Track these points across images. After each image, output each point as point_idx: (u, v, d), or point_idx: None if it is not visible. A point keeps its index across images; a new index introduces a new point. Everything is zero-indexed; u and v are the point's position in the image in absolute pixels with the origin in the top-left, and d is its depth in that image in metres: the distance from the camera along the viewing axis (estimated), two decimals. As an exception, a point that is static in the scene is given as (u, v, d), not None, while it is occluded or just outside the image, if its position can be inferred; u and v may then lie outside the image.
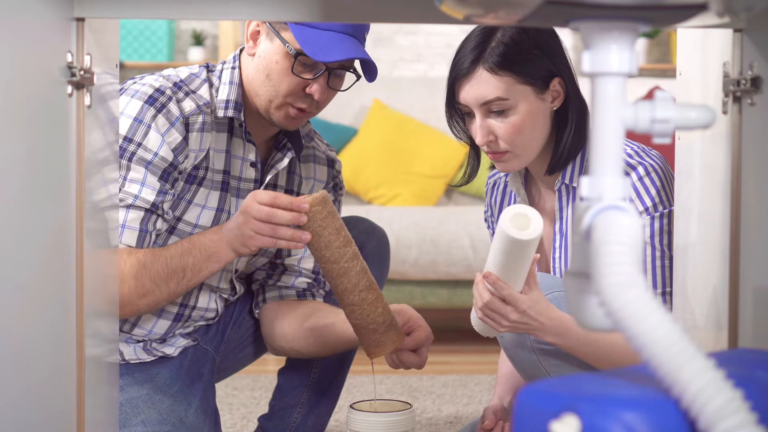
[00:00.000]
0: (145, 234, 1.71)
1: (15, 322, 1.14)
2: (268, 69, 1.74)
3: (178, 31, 4.63)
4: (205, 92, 1.79)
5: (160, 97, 1.73)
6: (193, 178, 1.78)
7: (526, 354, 1.73)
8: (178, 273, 1.70)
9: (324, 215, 1.62)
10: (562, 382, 0.87)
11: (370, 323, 1.66)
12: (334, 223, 1.62)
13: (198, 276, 1.71)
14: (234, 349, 2.00)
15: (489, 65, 1.67)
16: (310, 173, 1.96)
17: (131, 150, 1.70)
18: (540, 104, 1.70)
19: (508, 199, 1.92)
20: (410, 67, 4.64)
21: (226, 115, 1.78)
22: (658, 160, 1.69)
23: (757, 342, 1.29)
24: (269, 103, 1.75)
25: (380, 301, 1.67)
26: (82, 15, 1.32)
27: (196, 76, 1.81)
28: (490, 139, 1.70)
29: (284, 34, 1.71)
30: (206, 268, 1.71)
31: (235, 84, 1.80)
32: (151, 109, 1.71)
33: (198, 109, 1.76)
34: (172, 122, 1.73)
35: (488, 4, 1.00)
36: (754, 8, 1.14)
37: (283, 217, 1.61)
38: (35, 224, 1.20)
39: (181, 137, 1.73)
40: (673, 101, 0.94)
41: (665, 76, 4.47)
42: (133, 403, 1.76)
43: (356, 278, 1.64)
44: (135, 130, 1.70)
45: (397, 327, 1.69)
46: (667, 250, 1.65)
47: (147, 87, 1.74)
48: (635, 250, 0.87)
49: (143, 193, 1.70)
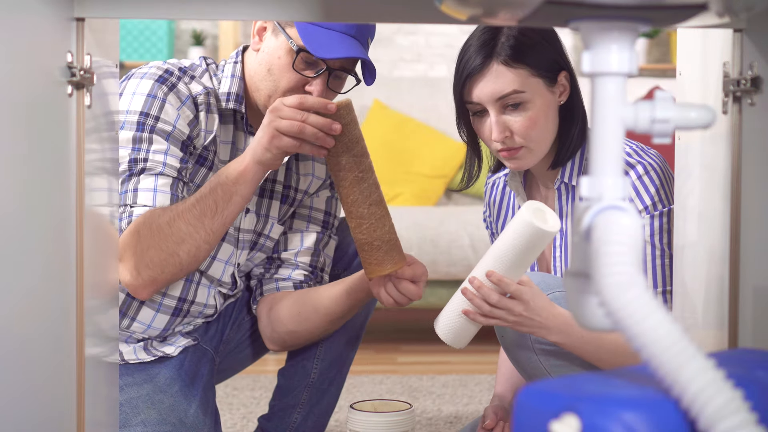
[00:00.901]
0: (176, 199, 1.73)
1: (15, 322, 1.14)
2: (270, 63, 1.76)
3: (178, 31, 4.63)
4: (208, 81, 1.82)
5: (170, 78, 1.77)
6: (204, 159, 1.81)
7: (527, 354, 1.73)
8: (211, 207, 1.69)
9: (347, 121, 1.62)
10: (562, 382, 0.87)
11: (375, 239, 1.66)
12: (354, 131, 1.63)
13: (229, 205, 1.69)
14: (234, 349, 2.00)
15: (503, 58, 1.67)
16: (309, 170, 1.96)
17: (150, 123, 1.73)
18: (551, 98, 1.71)
19: (507, 198, 1.92)
20: (410, 67, 4.64)
21: (228, 106, 1.81)
22: (656, 159, 1.69)
23: (757, 342, 1.29)
24: (268, 98, 1.76)
25: (387, 219, 1.68)
26: (82, 15, 1.32)
27: (197, 66, 1.84)
28: (506, 135, 1.69)
29: (289, 31, 1.73)
30: (236, 192, 1.68)
31: (237, 77, 1.82)
32: (163, 87, 1.75)
33: (205, 90, 1.80)
34: (183, 100, 1.76)
35: (488, 4, 1.00)
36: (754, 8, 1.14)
37: (311, 117, 1.61)
38: (35, 224, 1.20)
39: (192, 115, 1.77)
40: (673, 101, 0.94)
41: (665, 76, 4.47)
42: (133, 403, 1.76)
43: (368, 191, 1.65)
44: (151, 104, 1.73)
45: (399, 249, 1.69)
46: (666, 249, 1.66)
47: (155, 69, 1.77)
48: (635, 250, 0.87)
49: (169, 160, 1.73)
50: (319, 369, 1.99)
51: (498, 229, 1.95)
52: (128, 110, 1.73)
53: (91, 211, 1.38)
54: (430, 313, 3.62)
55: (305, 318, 1.87)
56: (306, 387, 1.99)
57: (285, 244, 1.96)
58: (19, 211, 1.15)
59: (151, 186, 1.71)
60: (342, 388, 2.05)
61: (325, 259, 1.97)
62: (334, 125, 1.61)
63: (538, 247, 1.59)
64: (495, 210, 1.95)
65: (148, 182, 1.71)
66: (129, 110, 1.73)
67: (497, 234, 1.96)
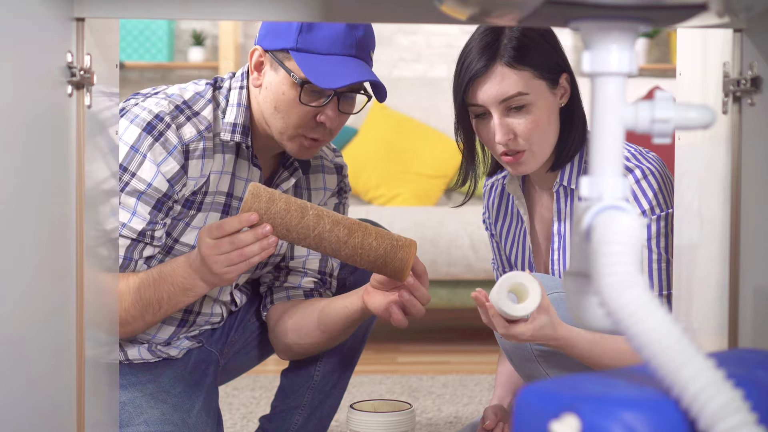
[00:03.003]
0: (129, 261, 1.70)
1: (15, 323, 1.14)
2: (276, 101, 1.71)
3: (178, 31, 4.63)
4: (209, 114, 1.75)
5: (159, 125, 1.69)
6: (191, 203, 1.76)
7: (526, 356, 1.73)
8: (154, 305, 1.68)
9: (265, 207, 1.58)
10: (562, 382, 0.87)
11: (377, 259, 1.62)
12: (277, 206, 1.58)
13: (175, 307, 1.69)
14: (239, 351, 2.00)
15: (507, 60, 1.67)
16: (320, 184, 1.93)
17: (125, 180, 1.68)
18: (553, 100, 1.71)
19: (506, 201, 1.92)
20: (410, 67, 4.63)
21: (233, 140, 1.75)
22: (655, 163, 1.69)
23: (757, 342, 1.29)
24: (281, 135, 1.72)
25: (368, 236, 1.61)
26: (82, 15, 1.32)
27: (200, 96, 1.76)
28: (509, 138, 1.69)
29: (288, 64, 1.68)
30: (182, 301, 1.68)
31: (243, 106, 1.76)
32: (149, 138, 1.68)
33: (199, 135, 1.73)
34: (169, 151, 1.69)
35: (489, 4, 1.00)
36: (754, 8, 1.14)
37: (244, 239, 1.56)
38: (35, 223, 1.20)
39: (178, 166, 1.70)
40: (673, 101, 0.94)
41: (665, 76, 4.47)
42: (136, 402, 1.76)
43: (333, 236, 1.60)
44: (131, 159, 1.68)
45: (400, 244, 1.63)
46: (664, 253, 1.65)
47: (146, 113, 1.70)
48: (635, 250, 0.87)
49: (132, 222, 1.68)
50: (322, 371, 1.99)
51: (498, 231, 1.95)
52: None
53: (92, 211, 1.38)
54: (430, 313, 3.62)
55: (306, 333, 1.86)
56: (308, 389, 1.99)
57: (292, 252, 1.95)
58: (18, 210, 1.15)
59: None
60: (345, 391, 2.04)
61: (332, 264, 1.97)
62: (263, 229, 1.56)
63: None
64: (494, 212, 1.95)
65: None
66: None
67: (497, 236, 1.96)
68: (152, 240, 1.72)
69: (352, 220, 1.63)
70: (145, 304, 1.67)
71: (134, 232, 1.69)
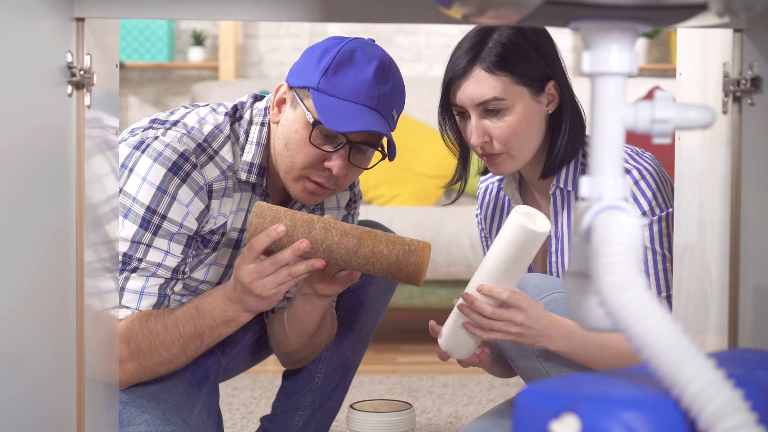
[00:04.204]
0: (164, 298, 1.69)
1: (14, 324, 1.14)
2: (287, 138, 1.68)
3: (178, 31, 4.63)
4: (228, 153, 1.72)
5: (185, 165, 1.66)
6: (208, 242, 1.74)
7: (526, 358, 1.73)
8: (195, 340, 1.66)
9: (270, 223, 1.55)
10: (562, 382, 0.87)
11: (389, 266, 1.58)
12: (294, 225, 1.55)
13: (218, 339, 1.68)
14: (241, 350, 2.00)
15: (486, 65, 1.67)
16: (333, 203, 1.92)
17: (156, 222, 1.65)
18: (536, 106, 1.70)
19: (501, 204, 1.91)
20: (410, 67, 4.63)
21: (249, 180, 1.73)
22: (652, 163, 1.69)
23: (757, 342, 1.29)
24: (286, 174, 1.69)
25: (379, 243, 1.58)
26: (82, 15, 1.32)
27: (219, 131, 1.73)
28: (485, 140, 1.69)
29: (306, 102, 1.66)
30: (225, 332, 1.67)
31: (262, 145, 1.73)
32: (175, 179, 1.65)
33: (222, 175, 1.71)
34: (195, 191, 1.67)
35: (489, 4, 1.00)
36: (754, 8, 1.14)
37: (283, 257, 1.54)
38: (34, 223, 1.20)
39: (204, 206, 1.69)
40: (673, 101, 0.94)
41: (665, 76, 4.47)
42: (138, 402, 1.76)
43: (342, 248, 1.56)
44: (159, 200, 1.64)
45: (412, 248, 1.59)
46: (667, 253, 1.65)
47: (169, 151, 1.66)
48: (635, 250, 0.87)
49: (167, 261, 1.67)
50: (323, 373, 1.99)
51: (490, 233, 1.95)
52: (135, 198, 1.64)
53: (92, 210, 1.38)
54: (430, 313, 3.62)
55: (286, 344, 1.86)
56: (310, 390, 1.99)
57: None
58: (18, 211, 1.15)
59: (139, 288, 1.66)
60: (346, 393, 2.04)
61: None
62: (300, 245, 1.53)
63: (530, 250, 1.55)
64: (489, 213, 1.94)
65: (137, 284, 1.66)
66: (136, 198, 1.64)
67: (490, 236, 1.95)
68: (184, 275, 1.71)
69: (362, 228, 1.59)
70: (186, 340, 1.66)
71: (169, 271, 1.68)
